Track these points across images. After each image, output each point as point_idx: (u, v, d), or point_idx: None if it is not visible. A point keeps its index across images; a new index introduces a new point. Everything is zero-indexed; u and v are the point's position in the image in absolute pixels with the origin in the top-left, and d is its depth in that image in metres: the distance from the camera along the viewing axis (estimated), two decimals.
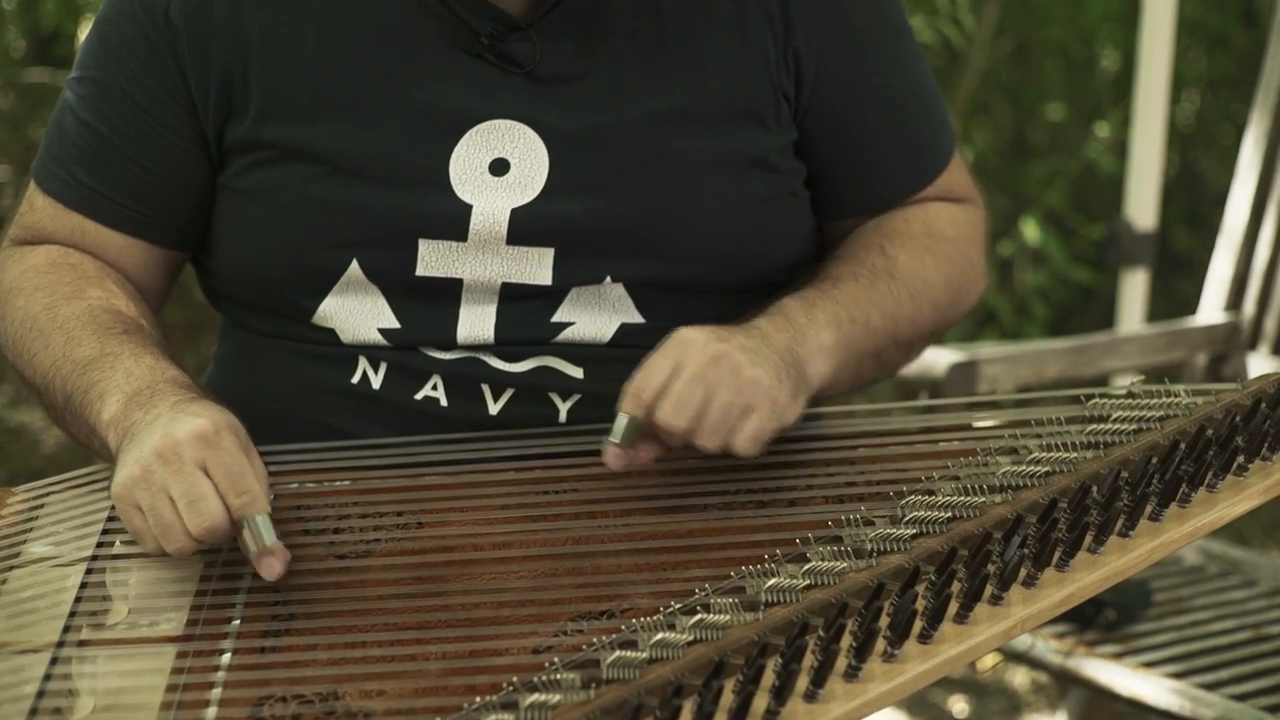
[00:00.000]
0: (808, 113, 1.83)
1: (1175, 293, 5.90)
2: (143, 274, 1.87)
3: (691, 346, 1.62)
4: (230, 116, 1.79)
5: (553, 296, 1.78)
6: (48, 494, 1.75)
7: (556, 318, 1.78)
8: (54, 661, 1.50)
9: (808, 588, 1.47)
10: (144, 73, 1.80)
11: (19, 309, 1.82)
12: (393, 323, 1.78)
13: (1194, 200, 6.72)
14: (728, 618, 1.42)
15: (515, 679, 1.37)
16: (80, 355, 1.73)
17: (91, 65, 1.83)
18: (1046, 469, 1.61)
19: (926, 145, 1.92)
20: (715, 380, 1.60)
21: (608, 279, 1.78)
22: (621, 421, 1.63)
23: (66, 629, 1.54)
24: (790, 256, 1.87)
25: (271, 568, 1.55)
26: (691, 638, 1.40)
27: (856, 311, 1.77)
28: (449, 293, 1.78)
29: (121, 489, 1.56)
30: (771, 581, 1.47)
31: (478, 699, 1.36)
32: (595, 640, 1.43)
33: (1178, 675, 2.53)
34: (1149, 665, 2.56)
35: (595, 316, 1.79)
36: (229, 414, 1.61)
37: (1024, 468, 1.62)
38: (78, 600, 1.57)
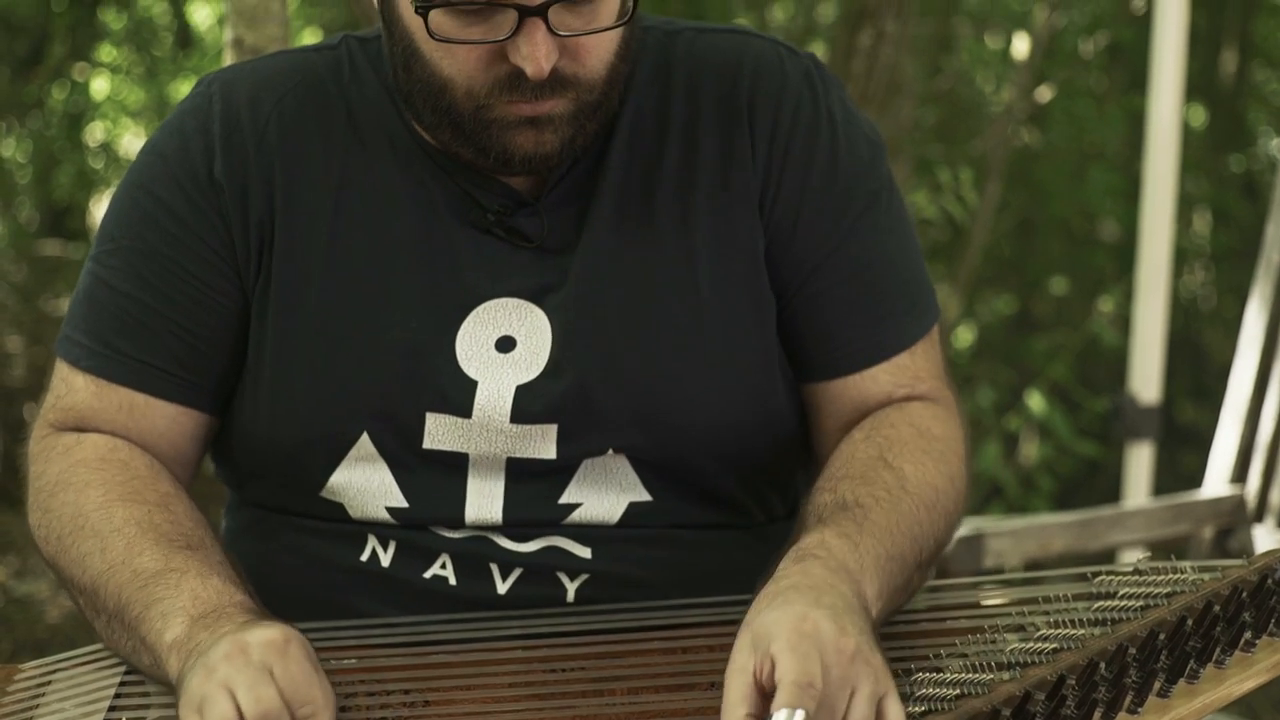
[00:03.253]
0: (778, 269, 1.81)
1: (1180, 466, 5.90)
2: (189, 445, 1.83)
3: (826, 642, 1.49)
4: (259, 276, 1.79)
5: (560, 474, 1.78)
6: (54, 671, 1.74)
7: (564, 499, 1.78)
8: None
9: None
10: (187, 235, 1.78)
11: (68, 504, 1.76)
12: (401, 502, 1.78)
13: (1198, 373, 6.75)
14: None
15: None
16: (141, 566, 1.67)
17: (124, 235, 1.81)
18: (1054, 646, 1.61)
19: (894, 318, 1.84)
20: (855, 676, 1.49)
21: (610, 450, 1.78)
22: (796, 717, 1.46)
23: None
24: (791, 430, 1.85)
25: None
26: None
27: (892, 547, 1.68)
28: (456, 467, 1.78)
29: (188, 696, 1.51)
30: None
31: None
32: None
33: None
34: None
35: (603, 496, 1.79)
36: (298, 632, 1.58)
37: (1032, 645, 1.61)
38: None
